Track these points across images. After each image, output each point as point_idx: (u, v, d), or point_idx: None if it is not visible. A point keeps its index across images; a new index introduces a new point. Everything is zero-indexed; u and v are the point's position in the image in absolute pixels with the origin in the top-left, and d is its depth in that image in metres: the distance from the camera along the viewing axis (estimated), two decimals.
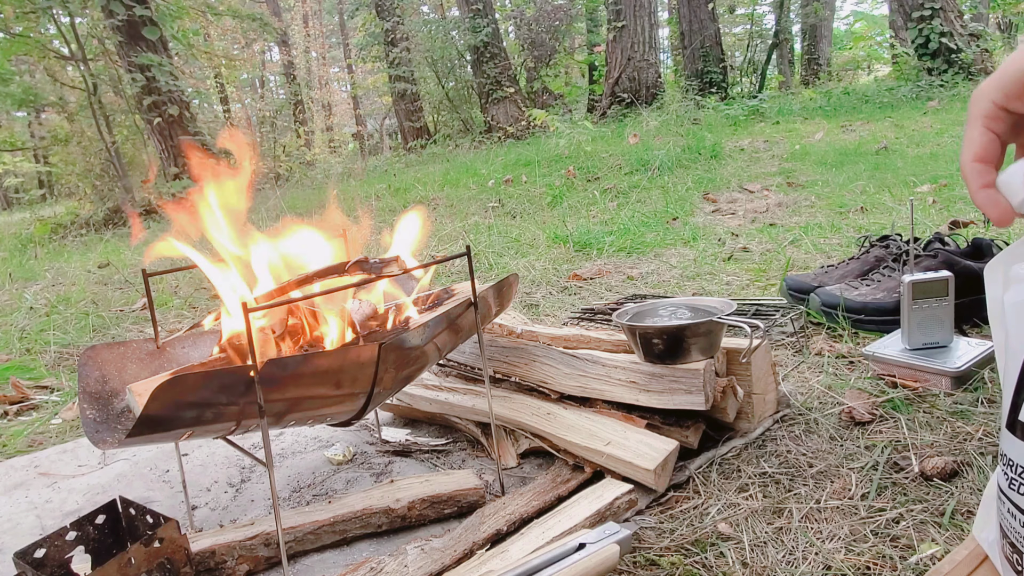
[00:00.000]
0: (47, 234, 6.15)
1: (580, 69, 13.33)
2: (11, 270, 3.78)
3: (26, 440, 1.41)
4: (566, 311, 1.87)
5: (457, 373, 1.29)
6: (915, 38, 7.25)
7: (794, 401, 1.15)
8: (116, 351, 0.94)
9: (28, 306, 2.70)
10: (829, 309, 1.50)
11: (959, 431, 1.00)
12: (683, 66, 10.27)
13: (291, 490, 1.07)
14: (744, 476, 0.96)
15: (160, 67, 6.62)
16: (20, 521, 1.05)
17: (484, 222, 3.54)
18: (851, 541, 0.80)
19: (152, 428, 0.71)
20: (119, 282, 3.11)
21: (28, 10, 6.62)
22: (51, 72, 8.04)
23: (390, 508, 0.92)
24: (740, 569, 0.78)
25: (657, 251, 2.50)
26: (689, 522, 0.87)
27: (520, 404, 1.11)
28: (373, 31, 12.36)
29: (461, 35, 11.11)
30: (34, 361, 1.95)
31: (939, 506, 0.84)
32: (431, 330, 0.86)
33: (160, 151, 7.07)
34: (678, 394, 0.99)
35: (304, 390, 0.78)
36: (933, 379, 1.15)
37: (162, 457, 1.23)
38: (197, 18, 8.18)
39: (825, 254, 2.18)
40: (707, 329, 0.99)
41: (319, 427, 1.26)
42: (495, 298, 0.99)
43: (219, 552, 0.84)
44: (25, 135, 11.53)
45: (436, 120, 12.56)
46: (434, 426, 1.26)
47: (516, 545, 0.81)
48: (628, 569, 0.80)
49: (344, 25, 18.16)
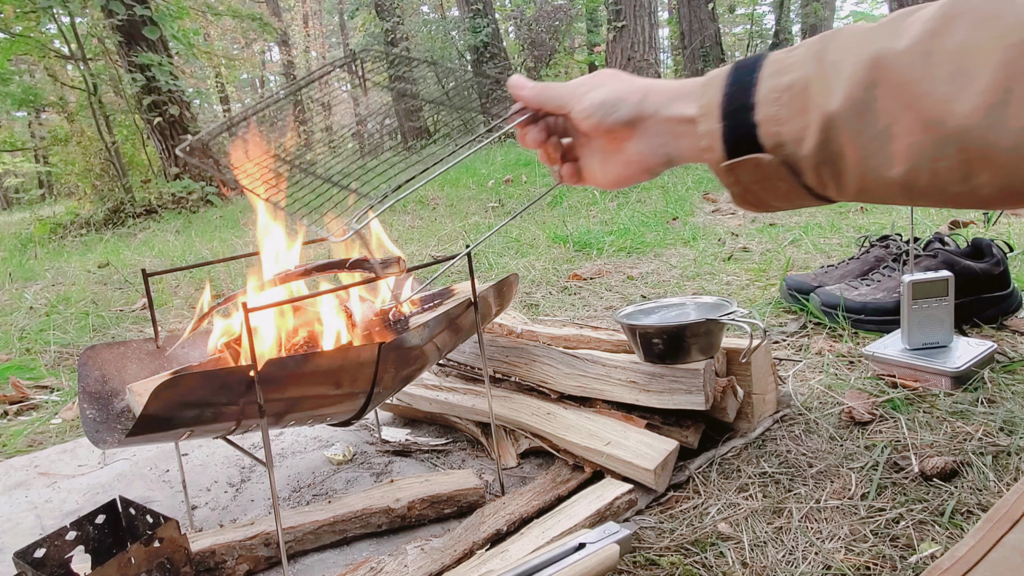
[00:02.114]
0: (47, 234, 6.15)
1: (580, 69, 13.33)
2: (11, 270, 3.78)
3: (26, 440, 1.41)
4: (566, 311, 1.87)
5: (457, 373, 1.29)
6: None
7: (794, 401, 1.15)
8: (116, 351, 0.94)
9: (28, 306, 2.70)
10: (829, 309, 1.50)
11: (959, 431, 1.00)
12: (683, 66, 10.27)
13: (291, 490, 1.07)
14: (744, 476, 0.96)
15: (160, 67, 6.63)
16: (20, 521, 1.05)
17: (484, 222, 3.54)
18: (851, 541, 0.80)
19: (152, 428, 0.71)
20: (119, 282, 3.11)
21: (28, 10, 6.62)
22: (51, 72, 8.04)
23: (390, 508, 0.92)
24: (740, 569, 0.78)
25: (657, 251, 2.50)
26: (689, 522, 0.87)
27: (520, 404, 1.11)
28: (373, 31, 12.36)
29: (461, 35, 11.12)
30: (34, 361, 1.95)
31: (939, 506, 0.84)
32: (431, 330, 0.86)
33: (160, 151, 7.07)
34: (678, 394, 0.99)
35: (304, 390, 0.78)
36: (933, 379, 1.15)
37: (162, 457, 1.23)
38: (197, 18, 8.19)
39: (825, 254, 2.18)
40: (707, 329, 0.99)
41: (319, 427, 1.26)
42: (495, 298, 0.99)
43: (219, 552, 0.84)
44: (25, 135, 11.53)
45: (436, 120, 12.56)
46: (434, 426, 1.26)
47: (516, 545, 0.81)
48: (628, 569, 0.80)
49: (344, 25, 18.17)
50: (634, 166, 0.60)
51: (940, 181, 0.43)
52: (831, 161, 0.47)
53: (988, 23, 0.39)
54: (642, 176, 0.61)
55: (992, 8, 0.39)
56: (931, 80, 0.41)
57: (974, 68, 0.39)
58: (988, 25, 0.39)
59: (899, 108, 0.42)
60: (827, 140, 0.46)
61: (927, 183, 0.43)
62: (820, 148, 0.47)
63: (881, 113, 0.43)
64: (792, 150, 0.48)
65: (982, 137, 0.40)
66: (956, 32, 0.40)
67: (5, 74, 6.86)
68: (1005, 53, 0.38)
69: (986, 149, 0.40)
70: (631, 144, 0.59)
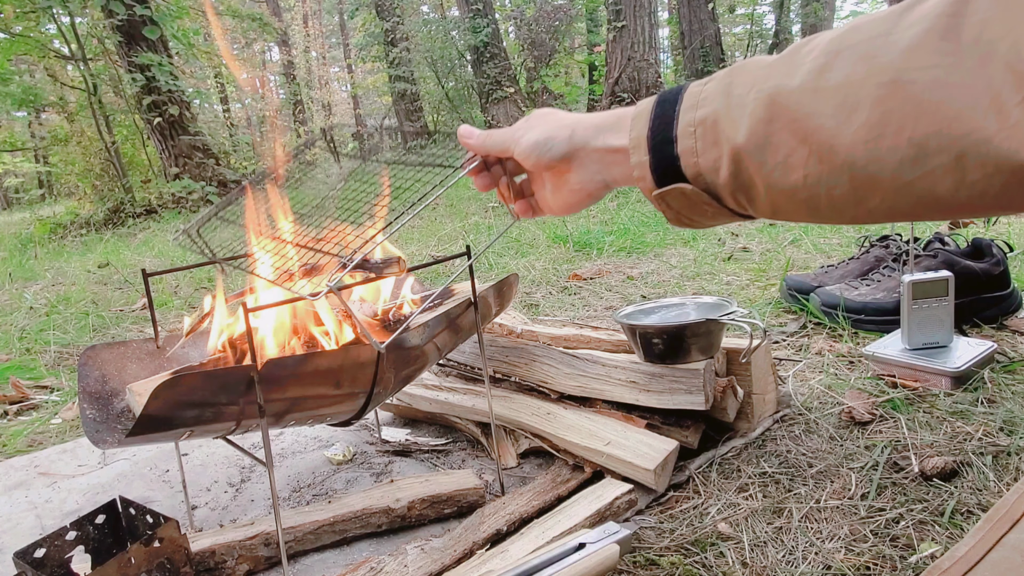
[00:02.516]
0: (47, 234, 6.15)
1: (580, 69, 13.34)
2: (11, 270, 3.78)
3: (26, 440, 1.41)
4: (566, 311, 1.87)
5: (457, 373, 1.29)
6: None
7: (794, 401, 1.15)
8: (116, 351, 0.94)
9: (28, 306, 2.70)
10: (829, 309, 1.50)
11: (959, 431, 1.00)
12: (683, 66, 10.28)
13: (291, 490, 1.07)
14: (744, 476, 0.96)
15: (160, 67, 6.62)
16: (20, 521, 1.05)
17: (484, 222, 3.54)
18: (851, 541, 0.80)
19: (152, 428, 0.71)
20: (119, 282, 3.11)
21: (28, 10, 6.62)
22: (51, 72, 8.04)
23: (390, 508, 0.92)
24: (740, 569, 0.78)
25: (657, 251, 2.50)
26: (689, 522, 0.87)
27: (520, 404, 1.11)
28: (373, 31, 12.37)
29: (461, 35, 11.12)
30: (34, 361, 1.95)
31: (939, 506, 0.84)
32: (431, 330, 0.86)
33: (160, 151, 7.07)
34: (678, 394, 0.99)
35: (304, 390, 0.78)
36: (933, 379, 1.15)
37: (162, 457, 1.23)
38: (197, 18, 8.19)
39: (825, 254, 2.18)
40: (707, 329, 0.99)
41: (319, 427, 1.26)
42: (495, 298, 0.99)
43: (219, 552, 0.84)
44: (25, 135, 11.53)
45: (436, 120, 12.57)
46: (434, 426, 1.26)
47: (516, 545, 0.81)
48: (628, 569, 0.80)
49: (344, 25, 18.17)
50: (577, 193, 0.65)
51: (837, 204, 0.47)
52: (744, 188, 0.51)
53: (865, 61, 0.42)
54: (587, 201, 0.67)
55: (870, 46, 0.42)
56: (820, 115, 0.44)
57: (855, 103, 0.42)
58: (865, 63, 0.42)
59: (795, 141, 0.46)
60: (738, 170, 0.50)
61: (827, 206, 0.47)
62: (733, 177, 0.51)
63: (780, 145, 0.47)
64: (711, 179, 0.53)
65: (864, 168, 0.43)
66: (840, 68, 0.43)
67: (5, 74, 6.86)
68: (879, 91, 0.41)
69: (871, 179, 0.43)
70: (571, 175, 0.65)
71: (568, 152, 0.63)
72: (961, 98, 0.38)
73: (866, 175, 0.43)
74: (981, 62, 0.37)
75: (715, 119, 0.51)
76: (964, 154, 0.39)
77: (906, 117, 0.40)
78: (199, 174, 6.82)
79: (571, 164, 0.64)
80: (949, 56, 0.38)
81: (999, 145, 0.37)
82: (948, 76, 0.38)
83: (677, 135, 0.53)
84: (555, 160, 0.64)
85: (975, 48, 0.37)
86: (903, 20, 0.41)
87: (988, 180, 0.39)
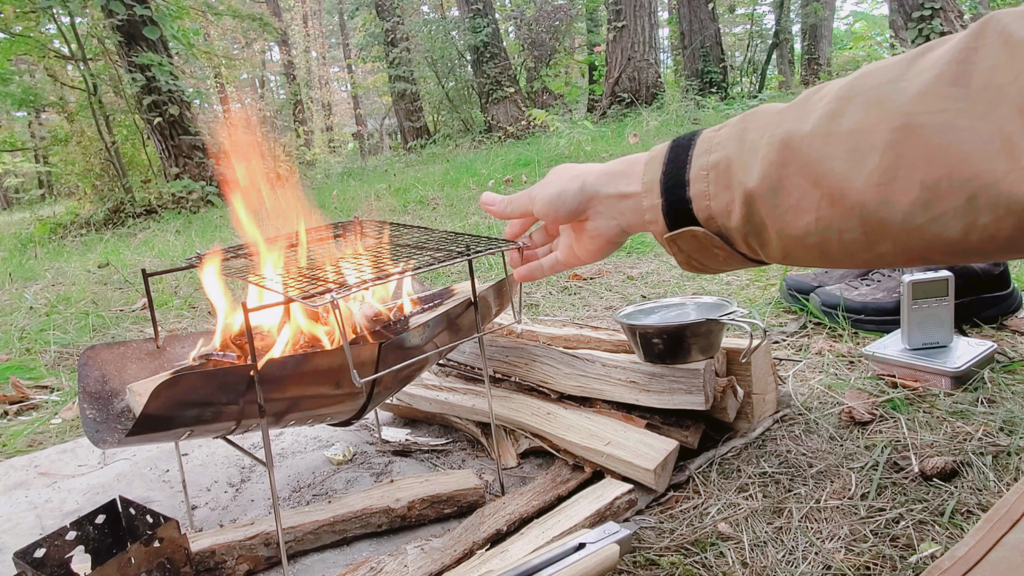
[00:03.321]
0: (47, 234, 6.15)
1: (580, 69, 13.34)
2: (11, 270, 3.78)
3: (26, 440, 1.41)
4: (566, 311, 1.87)
5: (457, 373, 1.29)
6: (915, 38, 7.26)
7: (794, 401, 1.15)
8: (116, 351, 0.94)
9: (28, 306, 2.70)
10: (829, 309, 1.50)
11: (959, 431, 1.00)
12: (683, 66, 10.28)
13: (291, 490, 1.07)
14: (744, 476, 0.96)
15: (160, 67, 6.63)
16: (20, 521, 1.05)
17: (484, 222, 3.54)
18: (851, 541, 0.80)
19: (152, 427, 0.71)
20: (119, 282, 3.11)
21: (28, 10, 6.62)
22: (51, 72, 8.05)
23: (390, 508, 0.92)
24: (740, 569, 0.78)
25: (657, 251, 2.50)
26: (689, 522, 0.87)
27: (520, 404, 1.11)
28: (373, 31, 12.37)
29: (461, 35, 11.12)
30: (34, 361, 1.95)
31: (939, 506, 0.84)
32: (431, 330, 0.86)
33: (160, 151, 7.07)
34: (678, 394, 0.99)
35: (304, 389, 0.78)
36: (933, 379, 1.15)
37: (162, 457, 1.23)
38: (197, 18, 8.19)
39: None
40: (707, 329, 0.99)
41: (319, 427, 1.26)
42: (495, 298, 0.99)
43: (219, 552, 0.84)
44: (25, 135, 11.54)
45: (436, 120, 12.57)
46: (434, 426, 1.26)
47: (516, 545, 0.81)
48: (628, 569, 0.80)
49: (344, 25, 18.18)
50: (596, 240, 0.68)
51: (849, 248, 0.47)
52: (756, 232, 0.51)
53: (876, 106, 0.42)
54: (607, 247, 0.69)
55: (880, 92, 0.43)
56: (831, 160, 0.44)
57: (866, 148, 0.43)
58: (876, 108, 0.42)
59: (807, 185, 0.46)
60: (750, 213, 0.51)
61: (838, 250, 0.48)
62: (745, 220, 0.51)
63: (792, 189, 0.47)
64: (723, 222, 0.53)
65: (875, 212, 0.43)
66: (851, 114, 0.44)
67: (5, 74, 6.86)
68: (891, 135, 0.41)
69: (882, 223, 0.43)
70: (589, 224, 0.67)
71: (582, 201, 0.65)
72: (971, 141, 0.38)
73: (877, 219, 0.43)
74: (991, 106, 0.37)
75: (728, 163, 0.51)
76: (975, 196, 0.39)
77: (917, 161, 0.40)
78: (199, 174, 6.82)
79: (587, 213, 0.65)
80: (959, 101, 0.38)
81: (1010, 187, 0.37)
82: (958, 120, 0.38)
83: (690, 178, 0.54)
84: (570, 213, 0.66)
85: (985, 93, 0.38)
86: (913, 67, 0.41)
87: (999, 223, 0.39)
